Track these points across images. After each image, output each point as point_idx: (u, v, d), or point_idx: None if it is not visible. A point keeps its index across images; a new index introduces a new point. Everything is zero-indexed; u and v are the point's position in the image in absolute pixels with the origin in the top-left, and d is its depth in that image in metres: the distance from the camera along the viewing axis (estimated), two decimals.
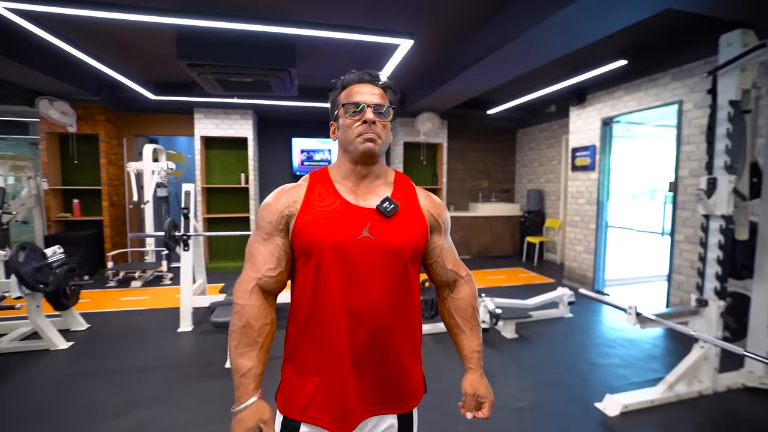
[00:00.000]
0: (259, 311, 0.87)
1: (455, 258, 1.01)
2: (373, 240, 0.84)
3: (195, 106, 5.50)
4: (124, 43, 3.65)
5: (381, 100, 0.90)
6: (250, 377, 0.83)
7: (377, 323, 0.85)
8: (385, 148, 0.92)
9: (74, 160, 5.46)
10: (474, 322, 0.99)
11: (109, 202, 5.50)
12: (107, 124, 5.40)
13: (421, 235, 0.91)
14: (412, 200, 0.93)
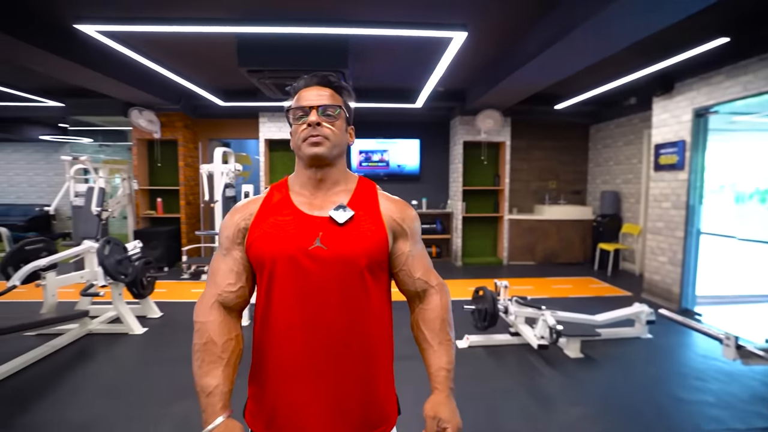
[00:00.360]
0: (221, 327, 0.84)
1: (425, 266, 0.94)
2: (325, 250, 0.81)
3: (260, 111, 5.81)
4: (196, 55, 3.94)
5: (329, 101, 0.86)
6: (216, 396, 0.79)
7: (333, 338, 0.81)
8: (338, 151, 0.88)
9: (158, 162, 6.06)
10: (443, 336, 0.90)
11: (185, 201, 6.02)
12: (185, 129, 5.92)
13: (378, 243, 0.85)
14: (371, 206, 0.89)
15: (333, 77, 0.89)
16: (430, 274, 0.95)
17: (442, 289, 0.95)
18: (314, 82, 0.88)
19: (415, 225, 0.93)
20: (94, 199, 4.77)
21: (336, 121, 0.86)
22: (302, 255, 0.81)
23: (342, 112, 0.88)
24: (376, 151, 6.38)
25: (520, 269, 5.81)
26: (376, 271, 0.86)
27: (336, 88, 0.89)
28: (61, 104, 5.56)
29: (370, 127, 6.39)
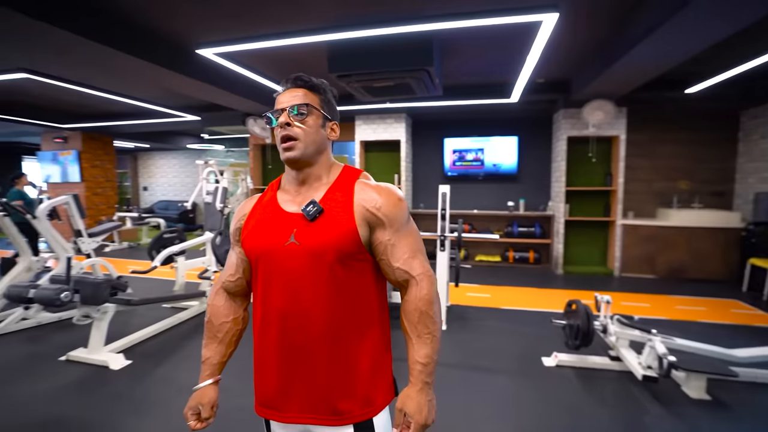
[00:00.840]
0: (220, 310, 1.00)
1: (407, 255, 0.89)
2: (298, 246, 0.85)
3: (356, 114, 6.08)
4: (293, 66, 4.29)
5: (299, 101, 0.88)
6: (206, 365, 0.98)
7: (306, 327, 0.86)
8: (313, 149, 0.90)
9: (269, 165, 6.81)
10: (421, 329, 0.87)
11: None
12: None
13: (345, 234, 0.85)
14: (345, 197, 0.89)
15: (305, 77, 0.92)
16: (413, 263, 0.89)
17: (424, 278, 0.89)
18: (288, 86, 0.91)
19: (395, 211, 0.89)
20: (218, 197, 5.57)
21: (307, 118, 0.88)
22: (279, 251, 0.86)
23: (314, 110, 0.89)
24: (470, 150, 6.15)
25: (634, 283, 5.00)
26: (349, 262, 0.86)
27: (309, 87, 0.91)
28: (198, 118, 6.62)
29: (462, 125, 6.19)
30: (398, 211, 0.88)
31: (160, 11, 3.07)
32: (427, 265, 0.91)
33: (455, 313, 3.82)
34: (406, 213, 0.90)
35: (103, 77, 4.62)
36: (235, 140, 8.61)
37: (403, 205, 0.90)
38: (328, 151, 0.95)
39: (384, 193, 0.89)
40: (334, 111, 0.95)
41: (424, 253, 0.92)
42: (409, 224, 0.91)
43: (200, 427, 0.93)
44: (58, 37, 2.95)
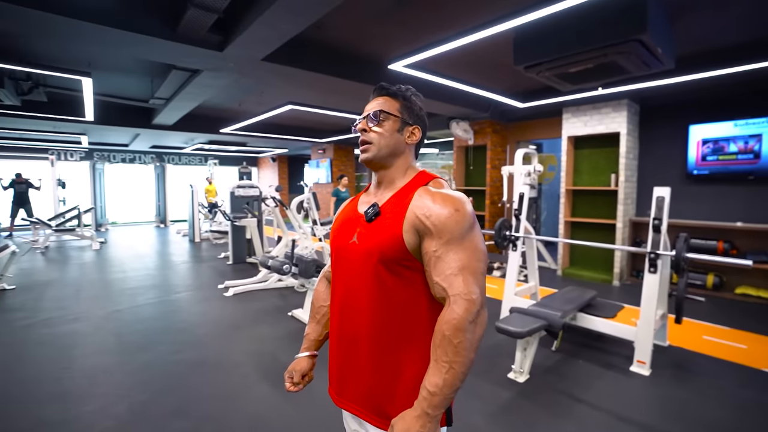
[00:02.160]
0: (320, 295, 1.12)
1: (450, 271, 0.82)
2: (357, 244, 0.90)
3: (563, 106, 5.39)
4: (485, 63, 4.20)
5: (377, 107, 0.95)
6: (306, 339, 1.10)
7: (356, 323, 0.91)
8: (387, 152, 0.94)
9: (470, 166, 6.89)
10: (440, 354, 0.79)
11: (490, 200, 6.53)
12: (493, 134, 6.40)
13: (390, 238, 0.86)
14: (402, 202, 0.89)
15: (386, 85, 0.98)
16: (455, 280, 0.81)
17: (459, 300, 0.80)
18: (374, 95, 0.99)
19: (447, 222, 0.83)
20: None
21: (384, 123, 0.94)
22: (345, 247, 0.94)
23: (391, 116, 0.94)
24: (735, 139, 4.42)
25: None
26: (396, 268, 0.86)
27: (389, 94, 0.97)
28: None
29: (718, 105, 4.51)
30: (450, 223, 0.83)
31: (357, 37, 3.65)
32: (473, 287, 0.81)
33: (671, 358, 2.89)
34: (462, 226, 0.83)
35: (336, 99, 5.84)
36: (446, 143, 9.14)
37: (458, 216, 0.83)
38: (407, 155, 0.97)
39: (439, 201, 0.85)
40: (416, 116, 0.98)
41: (476, 275, 0.82)
42: (465, 239, 0.83)
43: (292, 390, 1.03)
44: (301, 75, 3.96)
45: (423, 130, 0.99)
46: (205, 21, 2.84)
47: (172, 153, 12.51)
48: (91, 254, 7.11)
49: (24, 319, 3.72)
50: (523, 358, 2.60)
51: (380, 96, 0.97)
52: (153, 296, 4.43)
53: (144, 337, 3.25)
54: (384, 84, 0.99)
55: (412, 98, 0.98)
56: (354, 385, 0.93)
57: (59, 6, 2.57)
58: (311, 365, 1.08)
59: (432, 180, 0.94)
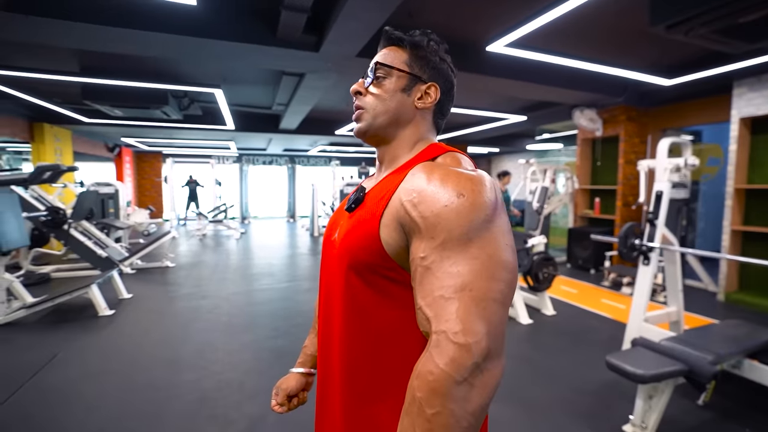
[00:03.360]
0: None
1: (441, 292, 0.51)
2: (335, 243, 0.68)
3: (733, 78, 4.11)
4: (622, 31, 3.45)
5: (379, 59, 0.71)
6: (302, 352, 0.92)
7: (329, 350, 0.69)
8: (385, 120, 0.69)
9: (597, 161, 5.86)
10: (405, 425, 0.49)
11: (622, 201, 5.45)
12: (627, 123, 5.31)
13: (363, 235, 0.61)
14: (390, 185, 0.63)
15: (389, 30, 0.71)
16: (444, 308, 0.50)
17: (441, 342, 0.48)
18: (383, 41, 0.74)
19: (443, 213, 0.53)
20: (536, 197, 5.44)
21: (384, 81, 0.69)
22: (326, 244, 0.73)
23: (393, 70, 0.69)
24: None
25: None
26: (369, 278, 0.61)
27: (394, 41, 0.71)
28: (524, 118, 6.68)
29: None
30: (449, 215, 0.53)
31: (451, 21, 3.36)
32: (474, 322, 0.48)
33: None
34: (468, 220, 0.52)
35: None
36: (570, 137, 8.03)
37: (463, 205, 0.53)
38: (417, 123, 0.70)
39: (437, 180, 0.56)
40: (432, 69, 0.70)
41: (483, 301, 0.49)
42: (472, 242, 0.52)
43: (277, 410, 0.86)
44: None
45: (445, 88, 0.72)
46: (298, 22, 2.95)
47: (301, 155, 13.92)
48: (233, 243, 8.34)
49: (172, 292, 4.50)
50: (647, 410, 1.97)
51: (385, 47, 0.72)
52: (266, 283, 4.90)
53: (249, 320, 3.59)
54: (388, 28, 0.72)
55: (427, 44, 0.71)
56: (323, 419, 0.71)
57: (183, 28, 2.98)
58: (302, 385, 0.88)
59: (445, 152, 0.65)
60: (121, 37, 3.04)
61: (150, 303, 4.08)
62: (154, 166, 12.46)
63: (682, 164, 4.30)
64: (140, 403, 2.22)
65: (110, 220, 6.22)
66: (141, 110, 5.34)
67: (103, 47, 3.29)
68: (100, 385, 2.41)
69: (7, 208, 3.65)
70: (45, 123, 6.65)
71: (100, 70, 4.41)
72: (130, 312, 3.76)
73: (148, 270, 5.52)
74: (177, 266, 5.80)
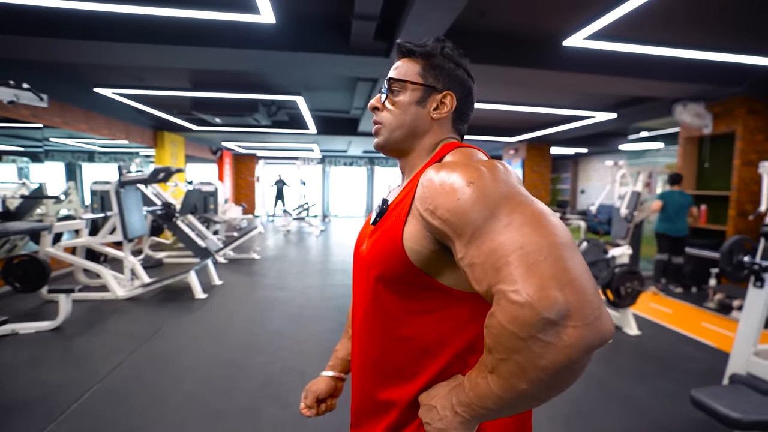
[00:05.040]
0: None
1: (491, 270, 0.49)
2: (363, 254, 0.71)
3: None
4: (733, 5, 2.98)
5: (393, 75, 0.73)
6: (333, 356, 0.92)
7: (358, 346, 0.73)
8: (401, 133, 0.72)
9: (704, 163, 5.08)
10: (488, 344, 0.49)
11: (737, 210, 4.66)
12: (747, 117, 4.52)
13: (388, 247, 0.62)
14: (408, 194, 0.64)
15: (402, 43, 0.72)
16: (499, 272, 0.47)
17: (499, 299, 0.47)
18: (396, 56, 0.75)
19: (461, 209, 0.53)
20: (624, 202, 4.92)
21: (399, 96, 0.71)
22: (356, 254, 0.76)
23: (406, 84, 0.71)
24: None
25: None
26: (396, 286, 0.63)
27: (407, 53, 0.73)
28: (614, 115, 6.05)
29: None
30: (466, 205, 0.52)
31: (525, 17, 3.21)
32: (529, 277, 0.44)
33: None
34: (486, 202, 0.51)
35: (517, 92, 5.32)
36: (671, 135, 7.06)
37: (474, 193, 0.52)
38: (434, 132, 0.72)
39: (442, 179, 0.56)
40: (447, 77, 0.71)
41: (534, 256, 0.45)
42: (501, 218, 0.50)
43: (306, 413, 0.85)
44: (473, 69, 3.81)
45: (462, 94, 0.72)
46: (368, 29, 3.08)
47: (379, 157, 14.31)
48: (313, 239, 8.92)
49: (255, 282, 4.99)
50: None
51: (399, 59, 0.74)
52: (339, 279, 5.17)
53: (319, 313, 3.83)
54: (399, 41, 0.73)
55: (441, 52, 0.71)
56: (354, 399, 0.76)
57: (266, 43, 3.30)
58: (331, 389, 0.87)
59: (453, 149, 0.66)
60: (221, 56, 3.49)
61: (236, 290, 4.57)
62: (249, 167, 13.83)
63: None
64: (218, 377, 2.52)
65: (210, 215, 7.07)
66: (236, 117, 6.01)
67: (207, 65, 3.80)
68: (191, 357, 2.80)
69: (133, 204, 4.40)
70: (165, 131, 7.82)
71: (204, 85, 5.08)
72: (219, 297, 4.26)
73: (238, 261, 6.18)
74: (262, 258, 6.39)
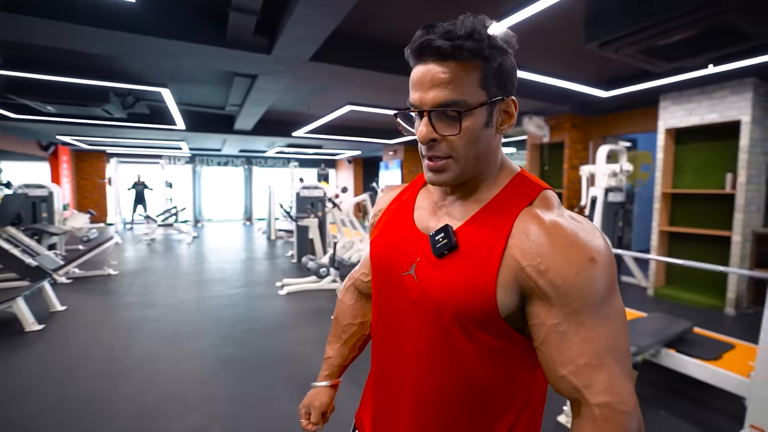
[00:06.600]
0: (348, 310, 0.88)
1: (586, 359, 0.50)
2: (416, 284, 0.61)
3: (660, 93, 4.51)
4: (567, 46, 3.67)
5: (446, 94, 0.54)
6: (327, 364, 0.87)
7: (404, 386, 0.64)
8: (474, 162, 0.58)
9: (545, 166, 6.20)
10: None
11: (567, 204, 5.78)
12: (572, 130, 5.66)
13: (474, 293, 0.55)
14: (497, 232, 0.56)
15: (450, 33, 0.53)
16: (595, 376, 0.50)
17: (607, 413, 0.50)
18: (426, 53, 0.55)
19: (577, 281, 0.51)
20: None
21: (466, 122, 0.55)
22: (396, 277, 0.65)
23: (475, 108, 0.55)
24: None
25: None
26: (472, 330, 0.57)
27: (459, 54, 0.53)
28: None
29: None
30: (584, 282, 0.51)
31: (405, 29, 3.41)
32: (626, 385, 0.50)
33: None
34: (602, 285, 0.52)
35: (398, 98, 5.66)
36: (521, 142, 8.41)
37: (596, 271, 0.51)
38: (497, 149, 0.61)
39: (562, 242, 0.53)
40: (507, 79, 0.57)
41: (625, 362, 0.52)
42: (606, 305, 0.52)
43: (310, 429, 0.81)
44: (355, 74, 3.89)
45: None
46: (248, 24, 2.89)
47: (258, 156, 13.57)
48: (184, 247, 7.96)
49: (114, 301, 4.22)
50: None
51: (440, 62, 0.54)
52: (218, 289, 4.73)
53: (196, 328, 3.44)
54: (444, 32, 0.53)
55: (498, 50, 0.56)
56: None
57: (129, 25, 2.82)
58: (332, 398, 0.85)
59: (541, 192, 0.59)
60: (46, 30, 2.82)
61: (88, 315, 3.81)
62: (96, 166, 11.64)
63: (618, 170, 4.66)
64: (74, 421, 2.07)
65: (43, 225, 5.73)
66: (79, 108, 4.99)
67: (30, 39, 3.04)
68: (20, 407, 2.22)
69: None
70: None
71: (27, 63, 4.07)
72: (64, 325, 3.49)
73: (87, 279, 5.15)
74: (121, 274, 5.45)
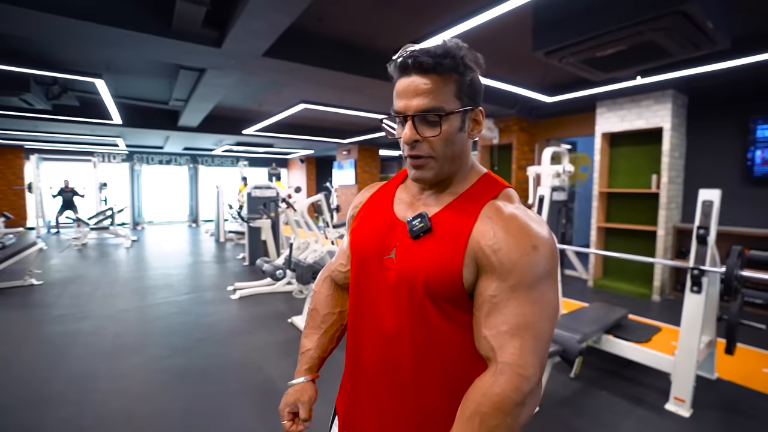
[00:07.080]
0: (326, 300, 0.90)
1: (507, 327, 0.62)
2: (395, 263, 0.70)
3: (597, 100, 4.88)
4: (516, 53, 3.84)
5: (429, 103, 0.65)
6: (306, 357, 0.87)
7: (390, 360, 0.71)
8: (451, 162, 0.70)
9: (495, 166, 6.48)
10: (464, 429, 0.60)
11: None
12: (520, 132, 5.96)
13: (443, 268, 0.65)
14: (464, 221, 0.67)
15: (430, 51, 0.65)
16: (508, 342, 0.62)
17: (509, 372, 0.60)
18: (409, 67, 0.66)
19: (520, 261, 0.63)
20: None
21: (444, 125, 0.66)
22: (376, 261, 0.73)
23: (451, 114, 0.67)
24: None
25: None
26: (442, 305, 0.67)
27: (438, 68, 0.65)
28: None
29: None
30: (524, 263, 0.63)
31: (361, 28, 3.42)
32: (531, 357, 0.61)
33: (720, 396, 2.41)
34: (538, 270, 0.63)
35: (352, 97, 5.62)
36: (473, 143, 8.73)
37: (536, 257, 0.63)
38: (468, 150, 0.73)
39: (515, 230, 0.64)
40: (477, 92, 0.70)
41: (539, 340, 0.62)
42: (537, 288, 0.63)
43: (295, 430, 0.82)
44: (309, 72, 3.80)
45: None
46: (196, 15, 2.72)
47: (204, 155, 12.88)
48: (122, 252, 7.36)
49: (39, 315, 3.79)
50: None
51: (422, 74, 0.65)
52: (163, 296, 4.42)
53: (140, 340, 3.19)
54: (424, 50, 0.65)
55: (470, 66, 0.68)
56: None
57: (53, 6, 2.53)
58: (316, 390, 0.86)
59: (504, 190, 0.71)
60: None
61: (6, 331, 3.39)
62: (12, 164, 10.39)
63: (561, 171, 4.97)
64: None
65: None
66: None
67: None
68: None
69: None
70: None
71: None
72: None
73: (3, 291, 4.58)
74: (46, 284, 4.91)
